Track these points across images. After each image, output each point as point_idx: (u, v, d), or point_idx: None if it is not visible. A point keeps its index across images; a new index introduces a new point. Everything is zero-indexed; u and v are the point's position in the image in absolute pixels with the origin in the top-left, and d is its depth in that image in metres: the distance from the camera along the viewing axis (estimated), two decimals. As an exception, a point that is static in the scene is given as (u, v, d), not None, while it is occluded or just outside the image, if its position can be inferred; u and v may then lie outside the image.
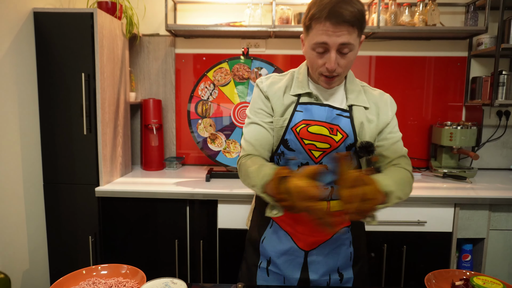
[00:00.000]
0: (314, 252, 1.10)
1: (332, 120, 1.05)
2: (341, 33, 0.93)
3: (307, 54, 1.03)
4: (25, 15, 1.68)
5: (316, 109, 1.06)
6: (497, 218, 1.75)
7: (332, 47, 0.95)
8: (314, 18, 0.94)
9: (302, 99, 1.07)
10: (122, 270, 1.03)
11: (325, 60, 0.98)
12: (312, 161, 1.05)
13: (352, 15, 0.91)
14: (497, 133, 2.31)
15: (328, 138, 1.04)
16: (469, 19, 2.11)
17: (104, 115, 1.79)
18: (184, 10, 2.28)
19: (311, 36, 0.97)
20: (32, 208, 1.76)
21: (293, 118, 1.06)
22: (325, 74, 1.01)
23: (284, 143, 1.07)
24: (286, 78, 1.13)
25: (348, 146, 1.05)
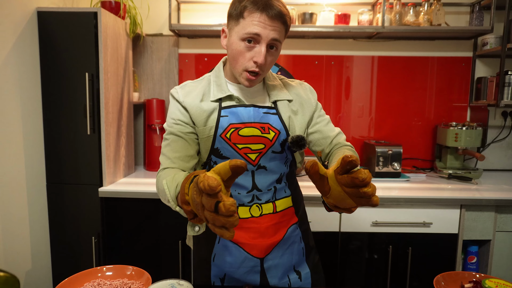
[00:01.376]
0: (269, 257, 1.06)
1: (261, 119, 1.02)
2: (274, 28, 0.92)
3: (232, 46, 0.96)
4: (29, 14, 1.67)
5: (242, 111, 1.02)
6: (503, 219, 1.73)
7: (264, 40, 0.92)
8: (248, 8, 0.91)
9: (224, 103, 1.02)
10: (127, 271, 1.02)
11: (253, 54, 0.94)
12: (251, 165, 1.02)
13: (285, 13, 0.93)
14: (502, 134, 2.29)
15: (261, 138, 1.01)
16: (474, 19, 2.10)
17: (107, 115, 1.78)
18: (188, 10, 2.28)
19: (243, 25, 0.92)
20: (35, 208, 1.75)
21: (219, 124, 1.00)
22: (250, 69, 0.95)
23: (215, 152, 1.02)
24: (202, 84, 1.06)
25: (282, 142, 1.04)
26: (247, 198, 1.03)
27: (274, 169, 1.05)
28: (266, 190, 1.04)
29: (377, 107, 2.31)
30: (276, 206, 1.06)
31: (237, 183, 1.02)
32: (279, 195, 1.07)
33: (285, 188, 1.08)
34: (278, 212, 1.06)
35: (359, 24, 2.12)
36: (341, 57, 2.28)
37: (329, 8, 2.10)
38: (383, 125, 2.33)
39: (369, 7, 2.20)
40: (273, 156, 1.04)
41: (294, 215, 1.10)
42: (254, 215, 1.04)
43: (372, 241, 1.75)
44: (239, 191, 1.03)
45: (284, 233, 1.07)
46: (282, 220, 1.07)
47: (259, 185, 1.03)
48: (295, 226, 1.10)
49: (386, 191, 1.78)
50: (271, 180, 1.05)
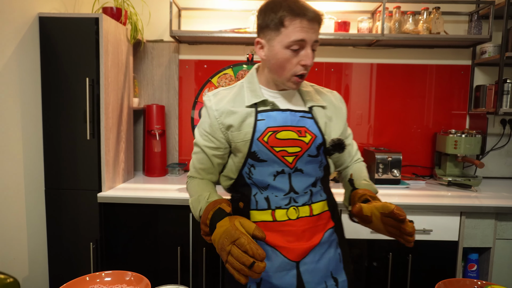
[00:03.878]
0: (305, 261, 1.05)
1: (297, 123, 1.04)
2: (314, 29, 0.97)
3: (277, 55, 0.99)
4: (31, 20, 1.68)
5: (278, 115, 1.04)
6: (503, 227, 1.73)
7: (308, 43, 0.97)
8: (287, 16, 0.95)
9: (260, 108, 1.05)
10: (127, 277, 1.01)
11: (300, 58, 0.98)
12: (288, 167, 1.03)
13: (318, 14, 0.98)
14: (501, 141, 2.30)
15: (298, 141, 1.03)
16: (473, 28, 2.12)
17: (107, 121, 1.78)
18: (189, 17, 2.29)
19: (285, 34, 0.96)
20: (33, 213, 1.74)
21: (256, 128, 1.02)
22: (300, 73, 1.00)
23: (252, 156, 1.04)
24: (234, 91, 1.10)
25: (318, 146, 1.06)
26: (284, 201, 1.04)
27: (310, 172, 1.06)
28: (302, 192, 1.05)
29: (376, 114, 2.32)
30: (313, 209, 1.06)
31: (275, 185, 1.04)
32: (315, 198, 1.07)
33: (321, 192, 1.09)
34: (314, 216, 1.06)
35: (358, 32, 2.14)
36: (340, 64, 2.29)
37: (329, 15, 2.12)
38: (382, 132, 2.33)
39: (369, 15, 2.22)
40: (309, 160, 1.05)
41: (330, 219, 1.11)
42: (291, 217, 1.04)
43: (372, 248, 1.74)
44: (276, 193, 1.04)
45: (320, 237, 1.07)
46: (319, 224, 1.07)
47: (296, 188, 1.04)
48: (331, 230, 1.10)
49: (385, 198, 1.78)
50: (308, 183, 1.05)
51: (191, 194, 1.10)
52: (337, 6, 2.22)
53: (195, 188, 1.09)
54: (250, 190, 1.07)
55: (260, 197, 1.05)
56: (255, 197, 1.05)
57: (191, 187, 1.12)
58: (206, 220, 0.97)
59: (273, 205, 1.04)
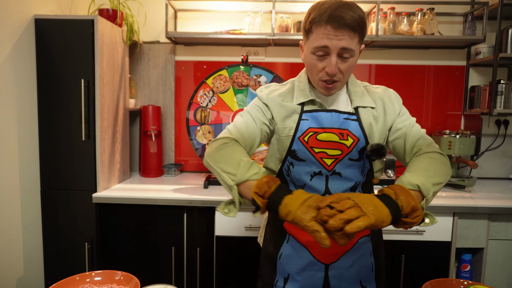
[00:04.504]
0: (335, 265, 1.04)
1: (340, 125, 1.02)
2: (342, 37, 0.92)
3: (306, 59, 1.01)
4: (26, 22, 1.69)
5: (322, 116, 1.03)
6: (496, 227, 1.74)
7: (333, 50, 0.93)
8: (314, 21, 0.93)
9: (306, 107, 1.04)
10: (116, 277, 1.02)
11: (325, 64, 0.96)
12: (325, 169, 1.02)
13: (353, 20, 0.91)
14: (496, 142, 2.31)
15: (339, 144, 1.01)
16: (467, 29, 2.12)
17: (103, 121, 1.80)
18: (185, 18, 2.30)
19: (311, 40, 0.96)
20: (29, 214, 1.76)
21: (299, 127, 1.02)
22: (324, 79, 0.98)
23: (291, 154, 1.04)
24: (287, 87, 1.10)
25: (360, 150, 1.02)
26: None
27: (350, 177, 1.03)
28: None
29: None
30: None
31: (311, 185, 1.03)
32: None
33: None
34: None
35: (353, 33, 2.15)
36: (336, 65, 2.30)
37: (324, 17, 2.12)
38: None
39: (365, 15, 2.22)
40: (349, 164, 1.02)
41: None
42: None
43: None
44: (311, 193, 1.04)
45: (353, 242, 1.04)
46: None
47: (332, 191, 1.03)
48: (366, 238, 1.07)
49: (379, 198, 1.79)
50: (345, 187, 1.03)
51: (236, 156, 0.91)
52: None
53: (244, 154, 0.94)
54: (287, 186, 1.07)
55: None
56: None
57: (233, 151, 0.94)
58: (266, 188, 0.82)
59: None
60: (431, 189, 0.86)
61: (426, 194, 0.85)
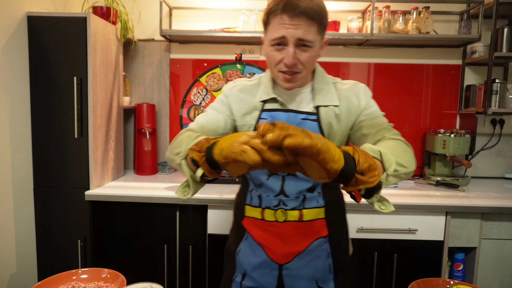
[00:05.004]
0: (288, 266, 1.04)
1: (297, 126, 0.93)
2: (298, 26, 0.89)
3: (266, 53, 0.98)
4: (19, 19, 1.69)
5: (279, 116, 1.01)
6: (489, 227, 1.73)
7: (290, 40, 0.90)
8: (271, 12, 0.92)
9: (268, 106, 1.03)
10: (103, 274, 1.03)
11: (283, 55, 0.93)
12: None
13: (309, 8, 0.88)
14: (492, 141, 2.30)
15: None
16: (463, 27, 2.11)
17: (95, 119, 1.80)
18: (180, 16, 2.30)
19: (269, 32, 0.94)
20: (21, 211, 1.76)
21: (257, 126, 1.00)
22: (283, 70, 0.95)
23: None
24: (253, 83, 1.09)
25: None
26: (274, 202, 1.03)
27: (306, 178, 1.00)
28: (293, 197, 1.02)
29: (367, 114, 2.32)
30: (303, 215, 1.02)
31: (268, 185, 1.03)
32: (309, 204, 1.03)
33: (318, 198, 1.04)
34: (304, 222, 1.02)
35: (348, 31, 2.14)
36: (331, 64, 2.30)
37: (319, 15, 2.12)
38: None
39: (359, 14, 2.22)
40: None
41: (324, 228, 1.05)
42: (278, 219, 1.03)
43: (357, 247, 1.75)
44: (268, 193, 1.04)
45: (308, 244, 1.03)
46: (308, 231, 1.03)
47: (287, 191, 1.02)
48: (323, 240, 1.05)
49: (372, 197, 1.78)
50: (301, 188, 1.01)
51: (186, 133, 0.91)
52: (327, 6, 2.21)
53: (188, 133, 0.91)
54: (248, 185, 1.09)
55: (254, 194, 1.06)
56: (250, 193, 1.07)
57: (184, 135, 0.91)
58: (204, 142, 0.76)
59: (264, 204, 1.04)
60: (393, 163, 0.76)
61: (388, 167, 0.75)
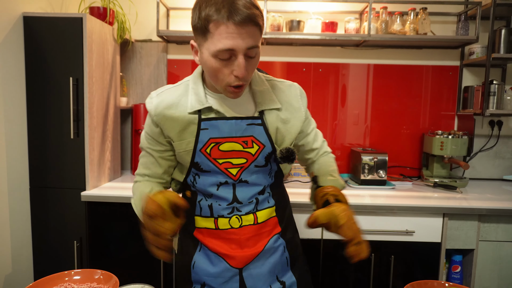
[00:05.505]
0: (248, 267, 1.02)
1: (243, 132, 0.95)
2: (247, 34, 0.80)
3: (207, 64, 0.86)
4: (15, 19, 1.69)
5: (222, 125, 0.95)
6: (486, 229, 1.72)
7: (240, 51, 0.82)
8: (211, 20, 0.80)
9: (204, 115, 0.95)
10: (96, 275, 1.02)
11: (231, 68, 0.85)
12: (231, 179, 0.98)
13: (252, 13, 0.80)
14: (490, 143, 2.29)
15: (243, 152, 0.96)
16: (460, 29, 2.11)
17: (92, 120, 1.79)
18: (177, 17, 2.30)
19: (211, 42, 0.82)
20: (17, 212, 1.75)
21: (199, 138, 0.95)
22: (234, 84, 0.87)
23: (195, 166, 0.98)
24: (180, 91, 0.98)
25: (267, 156, 0.99)
26: (227, 210, 1.01)
27: (257, 182, 1.01)
28: (247, 202, 1.01)
29: (365, 115, 2.32)
30: (258, 217, 1.02)
31: (218, 195, 1.00)
32: (261, 206, 1.03)
33: (269, 199, 1.05)
34: (259, 223, 1.02)
35: (345, 32, 2.14)
36: (328, 65, 2.29)
37: (316, 16, 2.12)
38: (370, 133, 2.33)
39: (356, 15, 2.21)
40: (256, 170, 1.00)
41: (277, 225, 1.07)
42: (234, 226, 1.01)
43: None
44: (219, 202, 1.01)
45: (264, 244, 1.03)
46: (263, 231, 1.04)
47: (240, 198, 1.00)
48: (277, 236, 1.06)
49: (369, 198, 1.78)
50: (253, 193, 1.01)
51: (134, 193, 1.05)
52: (325, 7, 2.22)
53: (139, 189, 1.04)
54: (196, 195, 1.04)
55: (204, 204, 1.02)
56: (199, 203, 1.03)
57: (133, 190, 1.07)
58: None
59: (216, 214, 1.01)
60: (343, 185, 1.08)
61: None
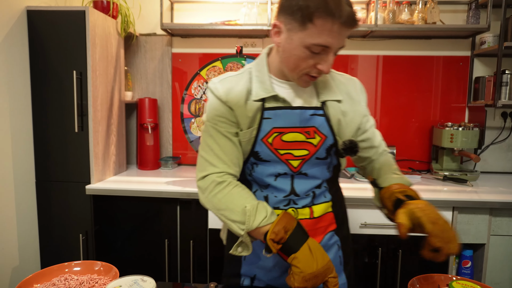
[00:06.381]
0: None
1: (307, 123, 0.93)
2: (344, 35, 0.82)
3: (293, 51, 0.85)
4: (18, 13, 1.69)
5: (287, 114, 0.92)
6: (498, 223, 1.67)
7: (333, 49, 0.83)
8: (318, 12, 0.77)
9: (268, 104, 0.93)
10: (96, 267, 1.02)
11: (317, 61, 0.84)
12: (290, 171, 0.96)
13: (356, 16, 0.81)
14: (502, 135, 2.23)
15: (305, 143, 0.94)
16: (471, 17, 2.05)
17: (96, 113, 1.79)
18: (182, 10, 2.28)
19: (311, 33, 0.80)
20: (24, 205, 1.77)
21: (261, 127, 0.92)
22: (312, 74, 0.87)
23: (254, 155, 0.96)
24: (244, 79, 0.95)
25: (328, 148, 0.96)
26: (283, 202, 0.98)
27: (316, 175, 0.99)
28: (304, 195, 0.98)
29: (373, 108, 2.27)
30: (313, 211, 0.99)
31: (276, 186, 0.97)
32: (318, 200, 1.00)
33: (325, 193, 1.02)
34: (315, 218, 0.99)
35: (352, 23, 2.09)
36: (338, 57, 2.24)
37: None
38: (378, 125, 2.28)
39: (363, 5, 2.17)
40: (316, 162, 0.97)
41: (333, 221, 1.03)
42: None
43: (361, 243, 1.71)
44: (276, 194, 0.98)
45: (319, 240, 1.00)
46: (319, 227, 1.01)
47: (297, 190, 0.98)
48: (332, 233, 1.03)
49: (375, 192, 1.74)
50: (311, 186, 0.98)
51: (238, 202, 0.89)
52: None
53: (243, 195, 0.90)
54: (250, 186, 1.01)
55: (259, 195, 1.00)
56: (254, 194, 1.00)
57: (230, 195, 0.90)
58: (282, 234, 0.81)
59: (271, 205, 0.98)
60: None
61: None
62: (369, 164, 1.09)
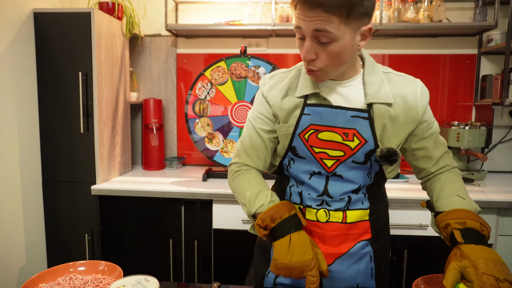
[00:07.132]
0: (329, 268, 0.96)
1: (346, 124, 0.89)
2: (315, 17, 0.77)
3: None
4: (25, 15, 1.71)
5: (326, 112, 0.90)
6: (506, 223, 1.65)
7: (307, 33, 0.80)
8: (292, 3, 0.82)
9: (310, 100, 0.92)
10: (100, 267, 1.02)
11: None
12: (325, 171, 0.94)
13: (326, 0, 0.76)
14: (510, 134, 2.20)
15: (341, 145, 0.90)
16: (478, 15, 2.02)
17: (101, 114, 1.80)
18: (186, 10, 2.29)
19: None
20: (30, 205, 1.79)
21: (300, 123, 0.92)
22: (305, 66, 0.86)
23: (292, 150, 0.96)
24: (291, 75, 0.97)
25: (368, 153, 0.91)
26: (316, 202, 0.97)
27: (352, 179, 0.94)
28: (338, 198, 0.95)
29: (377, 107, 2.26)
30: (347, 216, 0.96)
31: (310, 184, 0.97)
32: (354, 206, 0.96)
33: (364, 200, 0.97)
34: (347, 223, 0.96)
35: (357, 22, 2.08)
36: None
37: (326, 5, 2.06)
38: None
39: None
40: (353, 166, 0.93)
41: (368, 230, 0.99)
42: (320, 220, 0.96)
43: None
44: (310, 192, 0.97)
45: (350, 246, 0.97)
46: (351, 233, 0.97)
47: (331, 192, 0.95)
48: (365, 242, 0.98)
49: (381, 192, 1.73)
50: (346, 190, 0.95)
51: (245, 187, 0.97)
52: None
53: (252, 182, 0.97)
54: (288, 180, 1.02)
55: (295, 190, 1.00)
56: (290, 189, 1.01)
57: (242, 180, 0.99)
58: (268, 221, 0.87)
59: (305, 202, 0.98)
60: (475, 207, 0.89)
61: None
62: (428, 179, 1.01)
